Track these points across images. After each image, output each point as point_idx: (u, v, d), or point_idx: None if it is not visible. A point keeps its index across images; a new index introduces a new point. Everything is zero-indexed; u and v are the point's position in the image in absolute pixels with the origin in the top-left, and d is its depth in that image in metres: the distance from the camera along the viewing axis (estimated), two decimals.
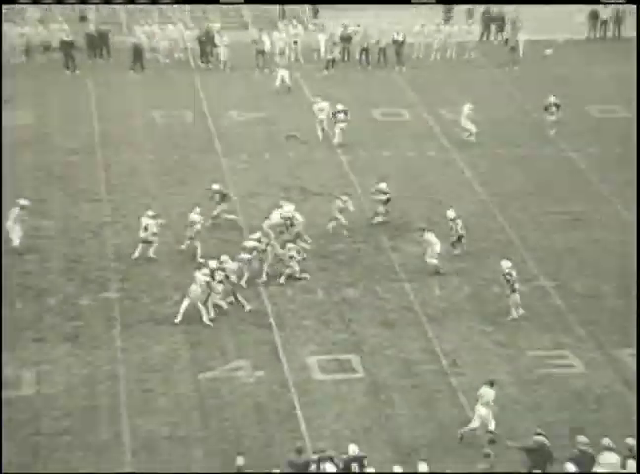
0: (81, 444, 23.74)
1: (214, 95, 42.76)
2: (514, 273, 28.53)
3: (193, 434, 24.21)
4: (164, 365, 26.52)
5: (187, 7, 49.55)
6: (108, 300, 29.16)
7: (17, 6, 46.70)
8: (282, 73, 43.39)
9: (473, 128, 38.22)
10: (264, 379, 26.09)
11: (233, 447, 23.52)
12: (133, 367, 26.41)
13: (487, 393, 24.16)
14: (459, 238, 31.04)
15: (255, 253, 29.72)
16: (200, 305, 28.05)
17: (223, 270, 28.44)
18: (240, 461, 21.82)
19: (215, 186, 32.53)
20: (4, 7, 45.41)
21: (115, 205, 33.74)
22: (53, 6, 48.31)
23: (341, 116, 38.25)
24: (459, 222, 31.04)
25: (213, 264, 28.53)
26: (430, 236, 30.63)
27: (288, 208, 31.68)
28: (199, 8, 49.78)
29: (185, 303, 28.01)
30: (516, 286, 28.46)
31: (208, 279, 28.16)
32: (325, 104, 39.01)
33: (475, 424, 23.99)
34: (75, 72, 44.66)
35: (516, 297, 28.44)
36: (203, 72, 45.44)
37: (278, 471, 21.47)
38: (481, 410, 23.99)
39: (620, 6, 49.01)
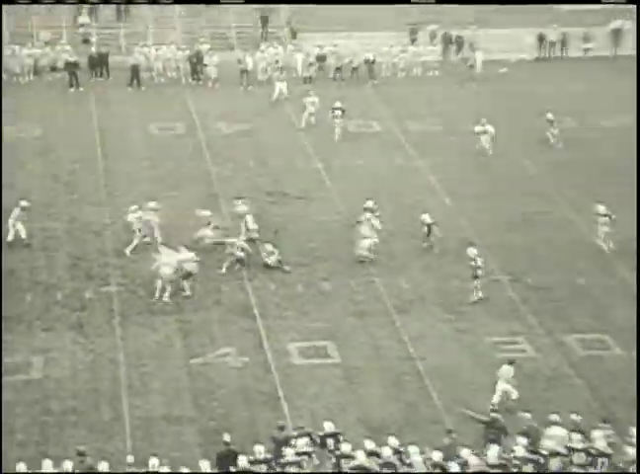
0: (85, 423, 23.66)
1: (204, 109, 42.60)
2: (479, 260, 28.54)
3: (185, 413, 24.14)
4: (159, 352, 26.43)
5: (179, 30, 49.46)
6: (109, 293, 29.05)
7: (28, 29, 46.56)
8: (280, 85, 43.47)
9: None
10: (249, 364, 26.03)
11: (221, 425, 23.46)
12: (132, 354, 26.32)
13: (507, 370, 24.19)
14: (429, 235, 30.79)
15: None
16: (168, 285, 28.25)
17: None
18: (227, 437, 21.74)
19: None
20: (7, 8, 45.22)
21: (114, 208, 33.57)
22: (61, 30, 48.18)
23: (338, 113, 38.92)
24: (435, 228, 30.88)
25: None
26: (363, 229, 30.55)
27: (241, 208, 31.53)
28: (190, 31, 49.68)
29: (158, 283, 28.16)
30: (479, 273, 28.48)
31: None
32: (316, 98, 39.79)
33: (497, 399, 23.99)
34: (78, 89, 44.44)
35: (476, 283, 28.43)
36: (194, 89, 45.28)
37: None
38: (502, 386, 24.04)
39: (566, 29, 49.15)
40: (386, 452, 21.08)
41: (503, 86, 45.47)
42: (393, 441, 21.46)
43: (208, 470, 20.75)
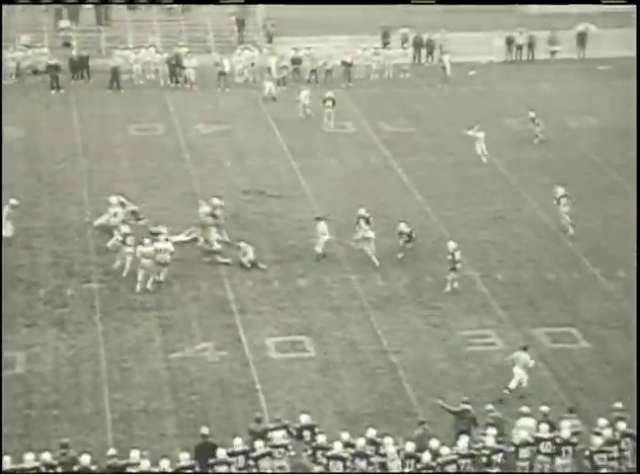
0: (67, 416, 23.55)
1: (183, 110, 42.52)
2: (457, 254, 28.60)
3: (164, 406, 24.07)
4: (139, 347, 26.35)
5: (158, 33, 49.36)
6: (90, 290, 28.92)
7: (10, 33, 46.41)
8: (269, 85, 43.67)
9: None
10: (227, 358, 25.98)
11: (200, 418, 23.41)
12: (112, 349, 26.23)
13: (522, 357, 24.31)
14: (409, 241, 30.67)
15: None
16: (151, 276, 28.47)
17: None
18: (204, 430, 21.68)
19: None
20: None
21: (96, 208, 33.41)
22: (42, 33, 48.02)
23: (329, 103, 40.03)
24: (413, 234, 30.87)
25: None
26: (320, 226, 30.50)
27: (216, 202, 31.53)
28: (169, 35, 49.59)
29: (140, 274, 28.33)
30: (457, 266, 28.56)
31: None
32: (308, 91, 41.23)
33: (514, 384, 24.10)
34: (60, 92, 44.27)
35: (452, 275, 28.52)
36: (173, 91, 45.17)
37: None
38: (519, 371, 24.18)
39: (533, 32, 49.32)
40: (360, 443, 21.10)
41: (472, 88, 45.58)
42: (372, 433, 21.47)
43: (187, 462, 20.68)
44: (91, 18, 50.41)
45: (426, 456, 20.83)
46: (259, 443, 21.12)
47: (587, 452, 21.39)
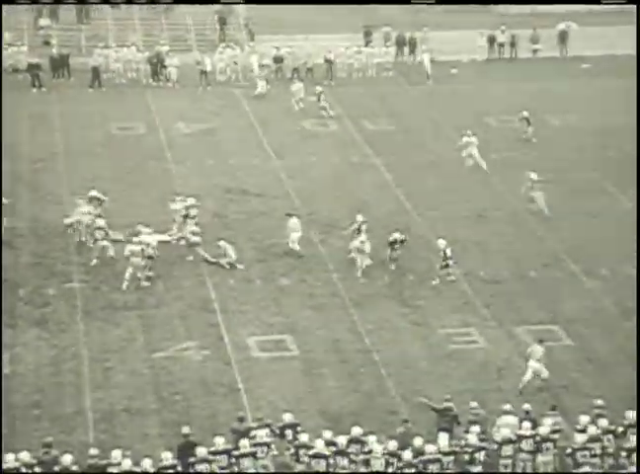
0: (49, 416, 23.53)
1: (164, 109, 42.49)
2: (448, 251, 28.81)
3: (147, 406, 24.07)
4: (121, 346, 26.35)
5: (139, 32, 49.31)
6: (72, 290, 28.90)
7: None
8: (261, 83, 43.88)
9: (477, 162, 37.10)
10: (209, 357, 26.01)
11: (183, 417, 23.43)
12: (94, 348, 26.21)
13: (537, 350, 24.56)
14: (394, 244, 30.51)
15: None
16: (139, 273, 28.56)
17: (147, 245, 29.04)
18: (186, 429, 21.71)
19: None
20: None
21: (76, 207, 33.32)
22: (21, 32, 47.88)
23: (323, 96, 41.39)
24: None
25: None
26: (291, 223, 30.54)
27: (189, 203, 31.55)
28: (150, 33, 49.54)
29: (128, 272, 28.45)
30: (450, 262, 28.93)
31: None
32: (301, 84, 41.99)
33: (528, 377, 24.40)
34: (41, 90, 44.19)
35: (444, 271, 28.98)
36: (154, 89, 45.13)
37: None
38: (534, 364, 24.40)
39: (515, 31, 49.46)
40: (340, 441, 21.17)
41: (454, 86, 45.69)
42: (356, 431, 21.53)
43: (170, 461, 20.70)
44: (71, 16, 50.31)
45: (407, 454, 20.92)
46: (244, 442, 21.16)
47: (569, 450, 21.52)
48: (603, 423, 21.86)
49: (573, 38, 49.91)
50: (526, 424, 21.80)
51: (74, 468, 20.58)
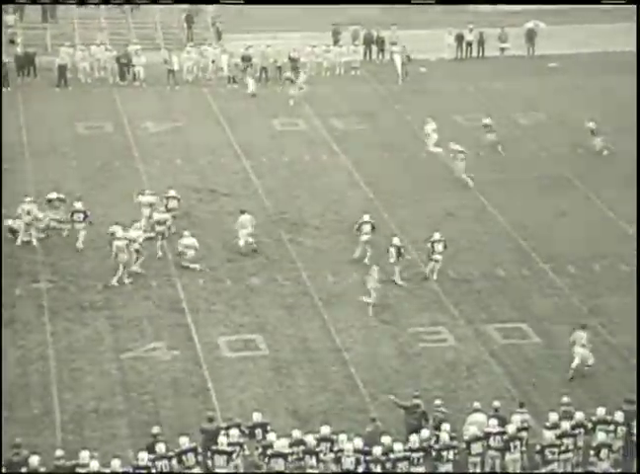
0: (16, 418, 23.41)
1: (132, 108, 42.33)
2: (439, 246, 29.26)
3: (116, 406, 24.02)
4: (89, 347, 26.27)
5: (106, 30, 49.13)
6: (38, 290, 28.78)
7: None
8: (251, 81, 44.06)
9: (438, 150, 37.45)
10: (179, 357, 25.97)
11: (152, 418, 23.40)
12: (62, 349, 26.12)
13: (580, 335, 24.83)
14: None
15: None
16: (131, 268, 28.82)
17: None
18: (155, 429, 21.69)
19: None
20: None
21: (43, 207, 33.16)
22: None
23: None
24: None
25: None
26: (243, 219, 30.66)
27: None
28: (117, 32, 49.36)
29: (120, 269, 28.68)
30: (436, 257, 29.32)
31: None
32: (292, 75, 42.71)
33: (576, 362, 24.69)
34: (7, 89, 43.93)
35: (431, 265, 29.42)
36: (121, 88, 44.97)
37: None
38: (579, 350, 24.70)
39: (483, 29, 49.65)
40: (309, 439, 21.21)
41: (423, 85, 45.81)
42: (325, 430, 21.57)
43: (145, 462, 20.67)
44: (37, 15, 50.00)
45: (376, 450, 21.00)
46: (221, 439, 21.18)
47: (537, 447, 21.67)
48: (579, 416, 22.02)
49: (540, 36, 50.14)
50: (494, 421, 21.92)
51: (42, 469, 20.50)
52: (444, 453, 21.30)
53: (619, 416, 22.09)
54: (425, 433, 21.67)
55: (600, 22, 51.61)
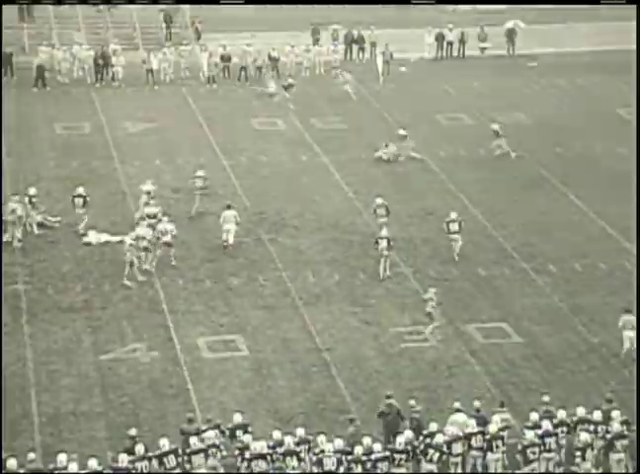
0: None
1: (110, 108, 42.21)
2: (454, 226, 30.21)
3: (94, 408, 23.90)
4: (68, 349, 26.13)
5: (84, 30, 48.95)
6: (16, 291, 28.61)
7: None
8: (271, 83, 43.93)
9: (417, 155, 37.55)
10: (158, 359, 25.88)
11: (131, 420, 23.29)
12: (40, 351, 25.98)
13: (629, 319, 25.32)
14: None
15: None
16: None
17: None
18: (132, 431, 21.58)
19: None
20: None
21: (21, 207, 32.96)
22: None
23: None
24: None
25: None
26: (227, 214, 30.70)
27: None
28: (95, 31, 49.18)
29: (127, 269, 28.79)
30: (451, 237, 30.20)
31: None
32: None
33: (627, 345, 25.18)
34: None
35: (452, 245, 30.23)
36: (100, 89, 44.80)
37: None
38: (629, 333, 25.16)
39: (464, 29, 49.72)
40: (288, 440, 21.15)
41: (403, 84, 45.83)
42: (300, 432, 21.53)
43: (126, 463, 20.58)
44: (13, 14, 49.71)
45: (358, 449, 20.96)
46: (193, 440, 21.09)
47: (519, 446, 21.68)
48: (562, 414, 22.05)
49: (520, 35, 50.26)
50: (473, 421, 21.92)
51: (21, 471, 20.36)
52: (430, 451, 21.23)
53: (598, 415, 22.12)
54: (408, 433, 21.61)
55: (581, 21, 51.81)
